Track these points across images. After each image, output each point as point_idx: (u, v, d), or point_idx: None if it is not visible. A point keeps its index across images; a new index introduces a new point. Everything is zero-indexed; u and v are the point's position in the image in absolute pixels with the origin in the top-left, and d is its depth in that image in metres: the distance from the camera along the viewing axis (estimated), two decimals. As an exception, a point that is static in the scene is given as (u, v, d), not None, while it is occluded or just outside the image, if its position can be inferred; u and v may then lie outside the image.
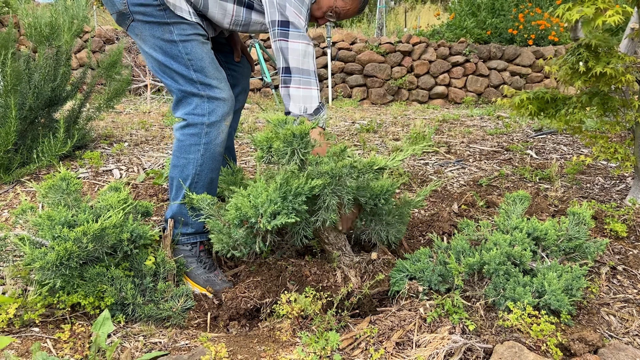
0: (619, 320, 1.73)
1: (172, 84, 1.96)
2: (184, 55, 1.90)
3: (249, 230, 1.64)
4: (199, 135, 1.94)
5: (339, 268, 1.88)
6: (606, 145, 2.54)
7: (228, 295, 1.87)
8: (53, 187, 1.76)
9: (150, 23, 1.87)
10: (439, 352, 1.48)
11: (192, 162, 1.97)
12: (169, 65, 1.91)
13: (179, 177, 1.99)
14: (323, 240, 1.92)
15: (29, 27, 3.08)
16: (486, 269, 1.68)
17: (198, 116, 1.94)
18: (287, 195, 1.59)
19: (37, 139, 3.00)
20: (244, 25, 2.03)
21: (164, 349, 1.56)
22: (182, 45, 1.89)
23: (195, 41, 1.92)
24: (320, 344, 1.49)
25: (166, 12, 1.85)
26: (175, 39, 1.89)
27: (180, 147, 1.98)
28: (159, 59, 1.92)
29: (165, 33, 1.88)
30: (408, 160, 3.69)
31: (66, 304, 1.64)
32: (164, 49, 1.90)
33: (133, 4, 1.84)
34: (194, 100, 1.94)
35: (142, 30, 1.90)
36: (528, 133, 4.76)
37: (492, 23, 8.59)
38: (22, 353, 1.49)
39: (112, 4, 1.89)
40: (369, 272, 1.86)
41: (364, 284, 1.79)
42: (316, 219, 1.74)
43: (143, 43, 1.94)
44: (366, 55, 8.09)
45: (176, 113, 2.01)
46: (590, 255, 1.86)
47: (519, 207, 2.04)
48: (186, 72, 1.91)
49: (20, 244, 1.55)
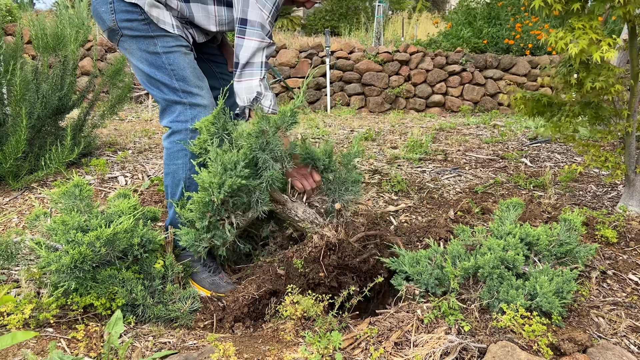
0: (607, 322, 1.81)
1: (158, 94, 2.07)
2: (167, 66, 2.01)
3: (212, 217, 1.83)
4: (184, 140, 2.05)
5: (315, 233, 1.99)
6: (597, 153, 2.63)
7: (229, 298, 1.95)
8: (66, 193, 1.83)
9: (137, 37, 1.99)
10: (436, 351, 1.55)
11: (181, 167, 2.08)
12: (154, 75, 2.02)
13: (172, 184, 2.10)
14: (294, 220, 2.06)
15: (37, 38, 3.16)
16: (481, 273, 1.76)
17: (181, 122, 2.05)
18: (225, 168, 1.77)
19: (44, 146, 3.08)
20: (229, 24, 2.13)
21: (173, 349, 1.63)
22: (165, 56, 2.01)
23: (178, 52, 2.03)
24: (323, 344, 1.57)
25: (150, 26, 1.98)
26: (159, 50, 2.00)
27: (169, 154, 2.09)
28: (145, 70, 2.03)
29: (150, 46, 1.99)
30: (405, 167, 3.78)
31: (79, 305, 1.71)
32: (149, 61, 2.01)
33: (121, 20, 1.97)
34: (177, 108, 2.05)
35: (130, 44, 2.02)
36: (523, 142, 4.86)
37: (489, 33, 8.72)
38: (38, 352, 1.56)
39: (103, 21, 2.01)
40: (342, 225, 2.00)
41: (339, 232, 1.94)
42: (260, 181, 1.89)
43: (131, 56, 2.06)
44: (364, 64, 8.20)
45: (162, 122, 2.12)
46: (581, 259, 1.95)
47: (513, 214, 2.12)
48: (169, 81, 2.02)
49: (37, 247, 1.62)
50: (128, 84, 3.75)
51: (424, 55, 8.36)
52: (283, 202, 2.05)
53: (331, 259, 1.89)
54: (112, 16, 1.96)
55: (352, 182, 2.20)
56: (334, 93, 8.30)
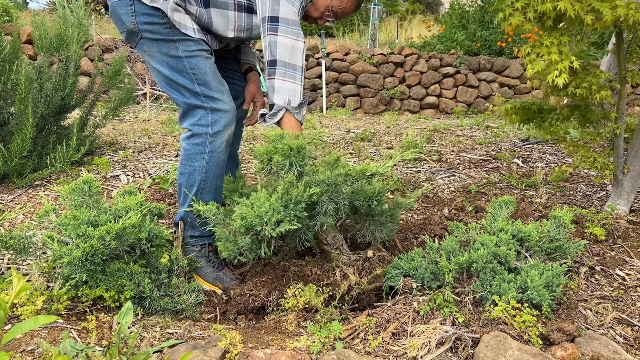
0: (595, 314, 1.89)
1: (178, 98, 2.07)
2: (188, 70, 2.01)
3: (254, 237, 1.76)
4: (203, 144, 2.07)
5: (337, 267, 2.01)
6: (586, 154, 2.72)
7: (236, 291, 2.01)
8: (76, 189, 1.90)
9: (158, 40, 1.99)
10: (431, 341, 1.63)
11: (198, 170, 2.10)
12: (175, 79, 2.03)
13: (186, 184, 2.12)
14: (322, 242, 2.06)
15: (40, 38, 3.22)
16: (474, 267, 1.84)
17: (202, 127, 2.06)
18: (288, 203, 1.70)
19: (47, 145, 3.14)
20: (247, 30, 2.13)
21: (180, 339, 1.70)
22: (187, 60, 2.01)
23: (199, 57, 2.03)
24: (324, 333, 1.64)
25: (172, 30, 1.97)
26: (181, 54, 2.00)
27: (187, 155, 2.10)
28: (165, 74, 2.03)
29: (171, 49, 1.99)
30: (401, 167, 3.86)
31: (89, 297, 1.78)
32: (170, 64, 2.02)
33: (141, 23, 1.96)
34: (198, 112, 2.06)
35: (150, 47, 2.02)
36: (515, 143, 4.96)
37: (482, 36, 8.84)
38: (50, 342, 1.63)
39: (122, 23, 2.00)
40: (366, 269, 2.01)
41: (362, 280, 1.94)
42: (314, 223, 1.87)
43: (151, 59, 2.06)
44: (359, 66, 8.28)
45: (182, 124, 2.13)
46: (570, 255, 2.03)
47: (505, 211, 2.20)
48: (191, 85, 2.03)
49: (49, 241, 1.69)
50: (130, 87, 3.80)
51: (419, 58, 8.46)
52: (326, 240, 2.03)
53: (345, 299, 1.91)
54: (132, 18, 1.95)
55: (390, 230, 2.13)
56: (329, 94, 8.38)
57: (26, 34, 7.16)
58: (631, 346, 1.70)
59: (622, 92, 2.56)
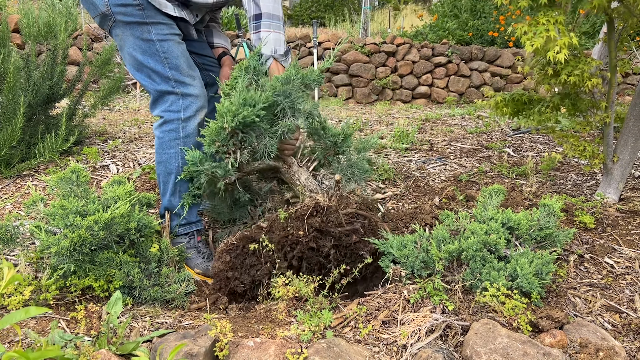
0: (583, 302, 1.91)
1: (149, 84, 2.08)
2: (161, 54, 2.03)
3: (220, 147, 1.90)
4: (176, 130, 2.08)
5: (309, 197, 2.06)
6: (576, 143, 2.73)
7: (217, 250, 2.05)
8: (64, 179, 1.88)
9: (130, 24, 1.99)
10: (421, 328, 1.64)
11: (174, 157, 2.11)
12: (147, 63, 2.03)
13: (164, 173, 2.13)
14: (295, 183, 2.14)
15: (28, 26, 3.17)
16: (464, 256, 1.84)
17: (174, 112, 2.07)
18: (245, 102, 1.83)
19: (35, 135, 3.10)
20: None
21: (170, 328, 1.69)
22: (159, 44, 2.02)
23: (172, 41, 2.05)
24: (314, 322, 1.64)
25: (145, 12, 1.98)
26: (153, 38, 2.01)
27: (161, 143, 2.11)
28: (137, 58, 2.04)
29: (144, 33, 2.00)
30: (392, 157, 3.86)
31: (78, 287, 1.76)
32: (142, 48, 2.02)
33: (114, 4, 1.96)
34: (169, 98, 2.07)
35: (123, 30, 2.02)
36: (506, 132, 4.97)
37: (474, 25, 8.81)
38: (38, 332, 1.62)
39: (95, 7, 2.00)
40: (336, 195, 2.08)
41: (331, 201, 2.03)
42: (276, 128, 1.96)
43: (124, 43, 2.05)
44: (351, 56, 8.25)
45: (154, 111, 2.13)
46: (559, 243, 2.04)
47: (495, 200, 2.21)
48: (162, 69, 2.04)
49: (37, 231, 1.67)
50: (120, 76, 3.76)
51: (411, 47, 8.44)
52: (289, 164, 2.12)
53: (314, 220, 1.96)
54: (105, 1, 1.96)
55: (360, 171, 2.29)
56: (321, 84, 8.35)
57: (14, 22, 7.05)
58: (619, 333, 1.72)
59: (613, 80, 2.56)
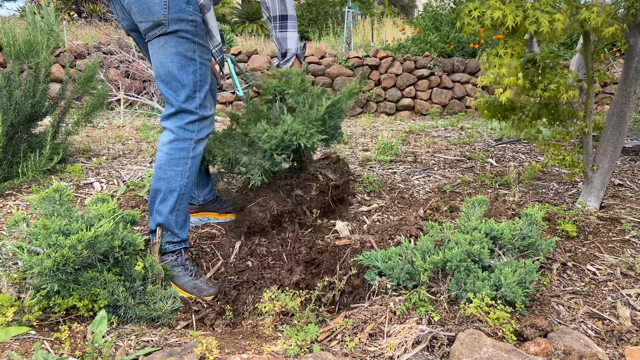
0: (567, 310, 1.93)
1: (173, 98, 2.05)
2: (197, 75, 2.04)
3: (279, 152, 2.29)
4: (187, 149, 2.08)
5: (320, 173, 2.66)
6: (556, 152, 2.77)
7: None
8: (46, 198, 1.87)
9: (180, 38, 1.97)
10: (408, 340, 1.64)
11: (180, 174, 2.09)
12: (180, 79, 2.02)
13: (166, 189, 2.09)
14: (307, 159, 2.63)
15: (8, 45, 3.16)
16: (449, 266, 1.86)
17: (189, 132, 2.08)
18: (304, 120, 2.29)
19: (17, 154, 3.07)
20: None
21: (156, 346, 1.68)
22: (199, 66, 2.04)
23: (207, 66, 2.09)
24: (301, 336, 1.64)
25: (196, 29, 2.01)
26: (196, 58, 2.03)
27: (169, 160, 2.08)
28: (172, 71, 2.01)
29: (189, 51, 2.00)
30: (377, 169, 3.88)
31: (62, 307, 1.75)
32: (181, 64, 2.01)
33: (173, 15, 1.94)
34: (188, 117, 2.07)
35: (167, 41, 1.97)
36: (489, 143, 5.03)
37: (455, 37, 8.94)
38: (22, 354, 1.59)
39: (152, 13, 1.94)
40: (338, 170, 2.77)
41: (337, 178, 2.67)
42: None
43: (162, 52, 2.00)
44: (335, 69, 8.31)
45: (166, 123, 2.10)
46: (542, 252, 2.07)
47: (478, 210, 2.23)
48: (191, 90, 2.04)
49: (19, 251, 1.66)
50: (103, 93, 3.75)
51: (394, 60, 8.53)
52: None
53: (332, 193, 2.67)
54: (164, 10, 1.92)
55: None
56: (305, 98, 8.39)
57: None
58: (602, 339, 1.74)
59: (590, 91, 2.62)
